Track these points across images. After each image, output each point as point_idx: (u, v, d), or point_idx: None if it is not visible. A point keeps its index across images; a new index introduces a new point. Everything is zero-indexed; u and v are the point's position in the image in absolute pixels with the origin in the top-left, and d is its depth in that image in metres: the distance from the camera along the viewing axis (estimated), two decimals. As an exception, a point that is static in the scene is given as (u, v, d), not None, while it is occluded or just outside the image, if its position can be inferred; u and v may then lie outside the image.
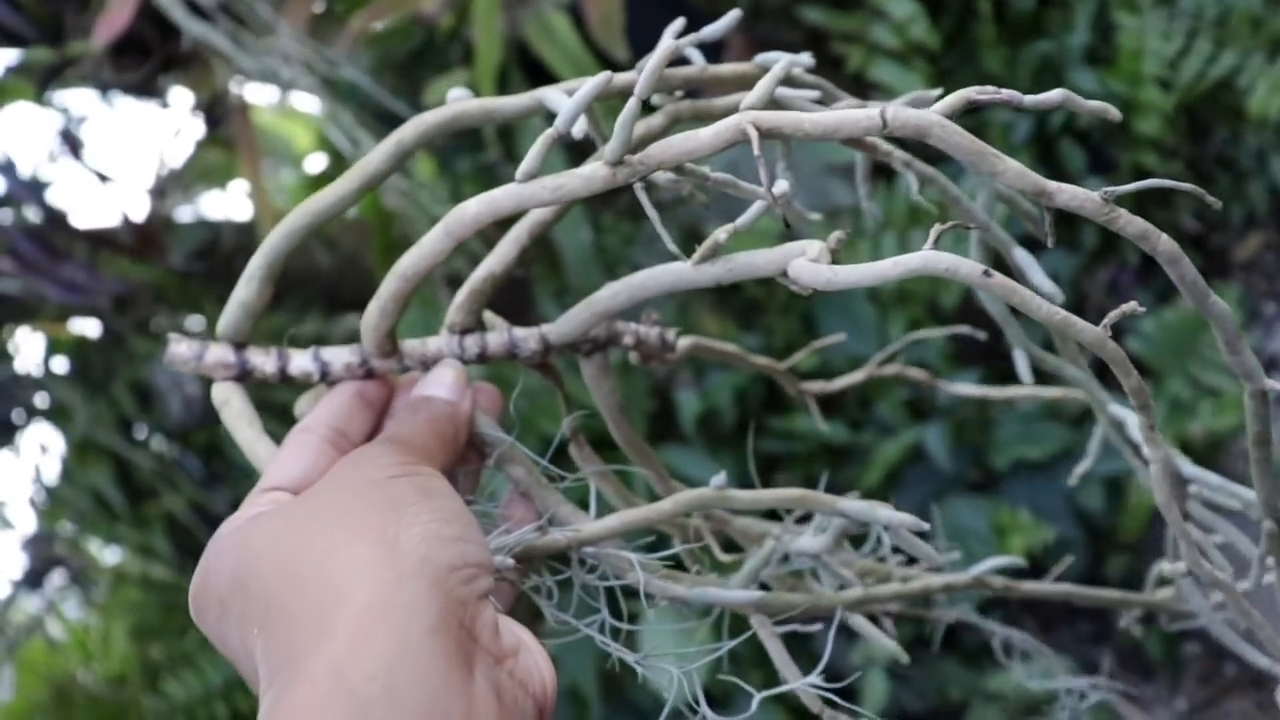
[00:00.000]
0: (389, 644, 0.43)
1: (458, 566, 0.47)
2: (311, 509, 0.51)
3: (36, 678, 2.48)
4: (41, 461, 2.36)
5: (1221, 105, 2.05)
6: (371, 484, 0.51)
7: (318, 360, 0.60)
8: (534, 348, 0.60)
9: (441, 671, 0.44)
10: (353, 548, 0.47)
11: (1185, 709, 2.05)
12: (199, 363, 0.60)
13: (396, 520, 0.48)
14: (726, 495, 0.59)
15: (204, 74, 2.04)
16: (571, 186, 0.52)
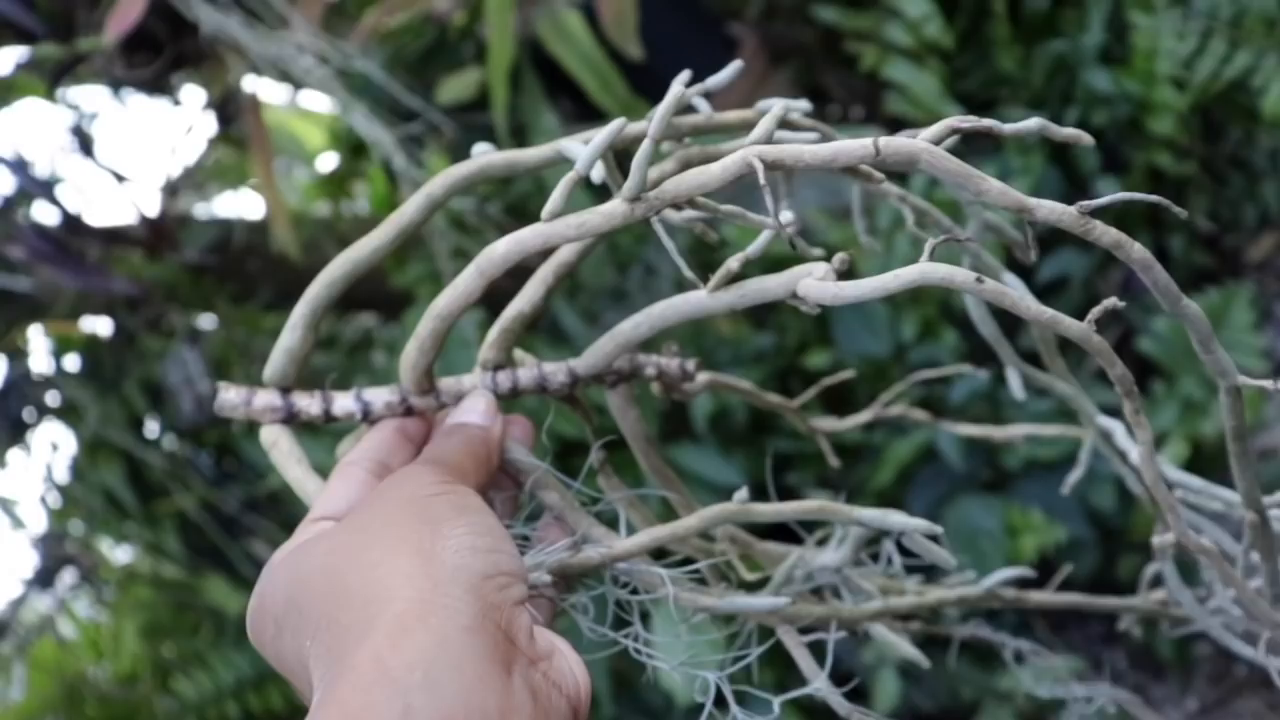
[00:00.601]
0: (428, 639, 0.46)
1: (491, 575, 0.50)
2: (356, 528, 0.54)
3: (48, 676, 2.48)
4: (53, 460, 2.37)
5: (1236, 106, 2.04)
6: (411, 502, 0.54)
7: (360, 400, 0.64)
8: (562, 380, 0.64)
9: (478, 666, 0.46)
10: (395, 560, 0.50)
11: (1196, 709, 2.04)
12: (247, 408, 0.64)
13: (433, 534, 0.51)
14: (748, 509, 0.61)
15: (216, 71, 2.04)
16: (594, 223, 0.56)
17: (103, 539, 2.55)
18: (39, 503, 2.43)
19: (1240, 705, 2.01)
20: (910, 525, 0.60)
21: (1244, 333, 1.95)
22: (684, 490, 0.70)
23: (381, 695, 0.45)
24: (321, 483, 0.62)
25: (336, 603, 0.50)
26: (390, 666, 0.45)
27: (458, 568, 0.50)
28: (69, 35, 1.94)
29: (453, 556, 0.50)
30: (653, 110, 0.57)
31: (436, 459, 0.59)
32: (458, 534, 0.51)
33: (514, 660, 0.49)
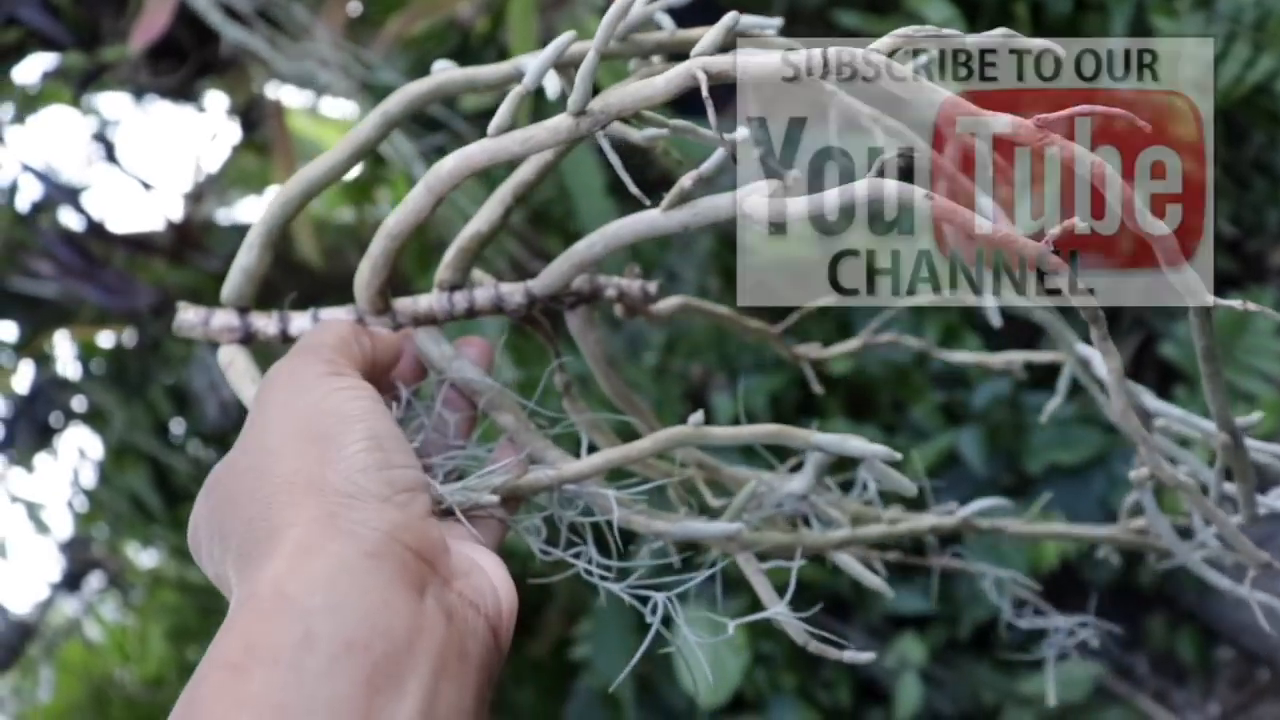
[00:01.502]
0: (328, 564, 0.46)
1: (387, 495, 0.50)
2: (254, 448, 0.53)
3: (75, 679, 2.49)
4: (79, 465, 2.38)
5: (1259, 110, 2.04)
6: (299, 416, 0.53)
7: (316, 320, 0.64)
8: (519, 301, 0.63)
9: (383, 590, 0.46)
10: (290, 484, 0.49)
11: (1218, 714, 2.03)
12: (206, 328, 0.64)
13: (321, 457, 0.50)
14: (704, 432, 0.61)
15: (240, 78, 2.05)
16: (539, 137, 0.55)
17: (129, 543, 2.56)
18: (66, 507, 2.45)
19: (1262, 710, 2.01)
20: (868, 450, 0.60)
21: (1267, 338, 1.94)
22: (648, 415, 0.69)
23: (282, 620, 0.44)
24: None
25: (242, 532, 0.49)
26: (289, 592, 0.45)
27: (351, 494, 0.49)
28: (95, 44, 1.95)
29: (345, 475, 0.50)
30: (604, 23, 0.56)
31: (311, 347, 0.58)
32: (346, 456, 0.50)
33: (427, 580, 0.48)
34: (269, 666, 0.43)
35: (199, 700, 0.44)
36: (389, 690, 0.44)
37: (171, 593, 2.49)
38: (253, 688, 0.43)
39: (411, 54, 2.10)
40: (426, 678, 0.46)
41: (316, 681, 0.43)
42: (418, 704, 0.45)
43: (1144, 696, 2.04)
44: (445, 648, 0.47)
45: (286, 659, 0.43)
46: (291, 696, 0.42)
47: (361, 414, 0.53)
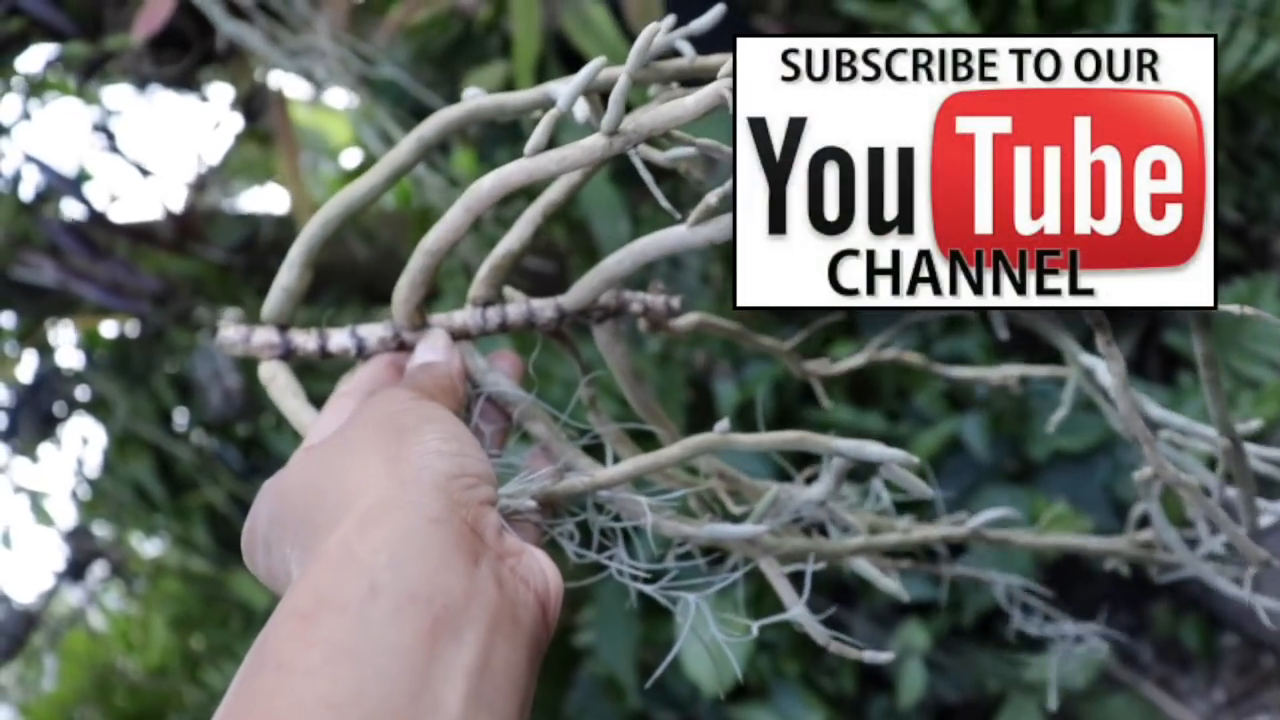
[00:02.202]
0: (394, 528, 0.49)
1: (457, 475, 0.53)
2: (332, 444, 0.56)
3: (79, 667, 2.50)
4: (83, 454, 2.38)
5: (1264, 96, 2.03)
6: (383, 417, 0.56)
7: (354, 337, 0.66)
8: (550, 316, 0.66)
9: (443, 552, 0.49)
10: (364, 466, 0.53)
11: (1223, 700, 2.04)
12: (247, 345, 0.66)
13: (401, 441, 0.54)
14: (729, 439, 0.63)
15: (242, 68, 2.05)
16: (574, 157, 0.58)
17: (132, 532, 2.57)
18: (69, 496, 2.45)
19: (1267, 697, 2.01)
20: (886, 455, 0.62)
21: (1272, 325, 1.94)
22: (671, 425, 0.71)
23: (348, 575, 0.47)
24: (315, 413, 0.64)
25: (311, 508, 0.53)
26: (357, 550, 0.48)
27: (423, 468, 0.52)
28: (97, 33, 1.95)
29: (418, 459, 0.53)
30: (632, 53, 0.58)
31: (408, 384, 0.61)
32: (424, 440, 0.54)
33: (481, 553, 0.51)
34: (337, 614, 0.46)
35: (271, 645, 0.46)
36: (449, 640, 0.47)
37: (174, 582, 2.49)
38: (322, 632, 0.46)
39: (414, 42, 2.10)
40: (483, 633, 0.48)
41: (382, 628, 0.46)
42: (474, 655, 0.47)
43: (1148, 683, 2.04)
44: (499, 610, 0.50)
45: (354, 607, 0.46)
46: (359, 640, 0.45)
47: (443, 418, 0.57)
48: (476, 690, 0.47)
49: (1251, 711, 2.01)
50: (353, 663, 0.45)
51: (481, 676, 0.47)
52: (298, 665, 0.45)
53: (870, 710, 2.00)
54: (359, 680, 0.44)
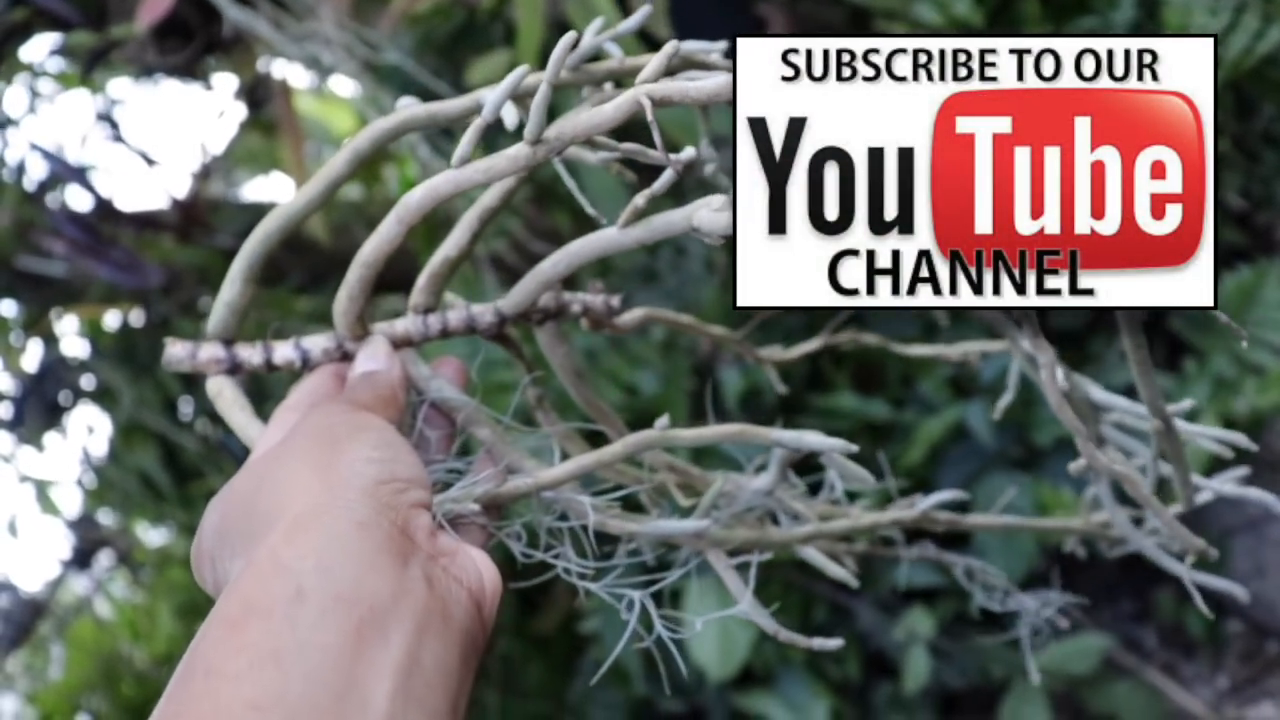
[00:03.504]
0: (320, 534, 0.50)
1: (386, 480, 0.54)
2: (269, 457, 0.57)
3: (86, 656, 2.51)
4: (88, 443, 2.39)
5: (1268, 82, 2.03)
6: (318, 429, 0.57)
7: (299, 349, 0.67)
8: (490, 320, 0.67)
9: (370, 555, 0.50)
10: (296, 476, 0.54)
11: (1227, 687, 2.04)
12: (193, 361, 0.67)
13: (333, 450, 0.55)
14: (670, 434, 0.63)
15: (246, 57, 2.05)
16: (500, 166, 0.59)
17: (138, 521, 2.57)
18: (75, 485, 2.46)
19: (1271, 683, 2.01)
20: (825, 444, 0.62)
21: (1275, 310, 1.94)
22: (618, 423, 0.72)
23: (275, 581, 0.48)
24: (264, 428, 0.65)
25: (248, 519, 0.53)
26: (283, 557, 0.49)
27: (352, 475, 0.53)
28: (101, 22, 1.95)
29: (348, 466, 0.54)
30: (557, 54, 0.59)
31: (346, 397, 0.62)
32: (353, 448, 0.55)
33: (410, 554, 0.52)
34: (264, 619, 0.47)
35: (200, 652, 0.47)
36: (375, 640, 0.48)
37: (180, 570, 2.50)
38: (250, 637, 0.47)
39: (418, 30, 2.10)
40: (410, 633, 0.49)
41: (308, 630, 0.47)
42: (402, 653, 0.48)
43: (1153, 669, 2.04)
44: (428, 609, 0.51)
45: (280, 611, 0.47)
46: (285, 643, 0.46)
47: (376, 426, 0.58)
48: (405, 687, 0.48)
49: (1255, 698, 2.01)
50: (277, 665, 0.46)
51: (410, 674, 0.48)
52: (225, 670, 0.46)
53: (875, 697, 2.00)
54: (284, 682, 0.45)
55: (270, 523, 0.52)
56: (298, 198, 0.65)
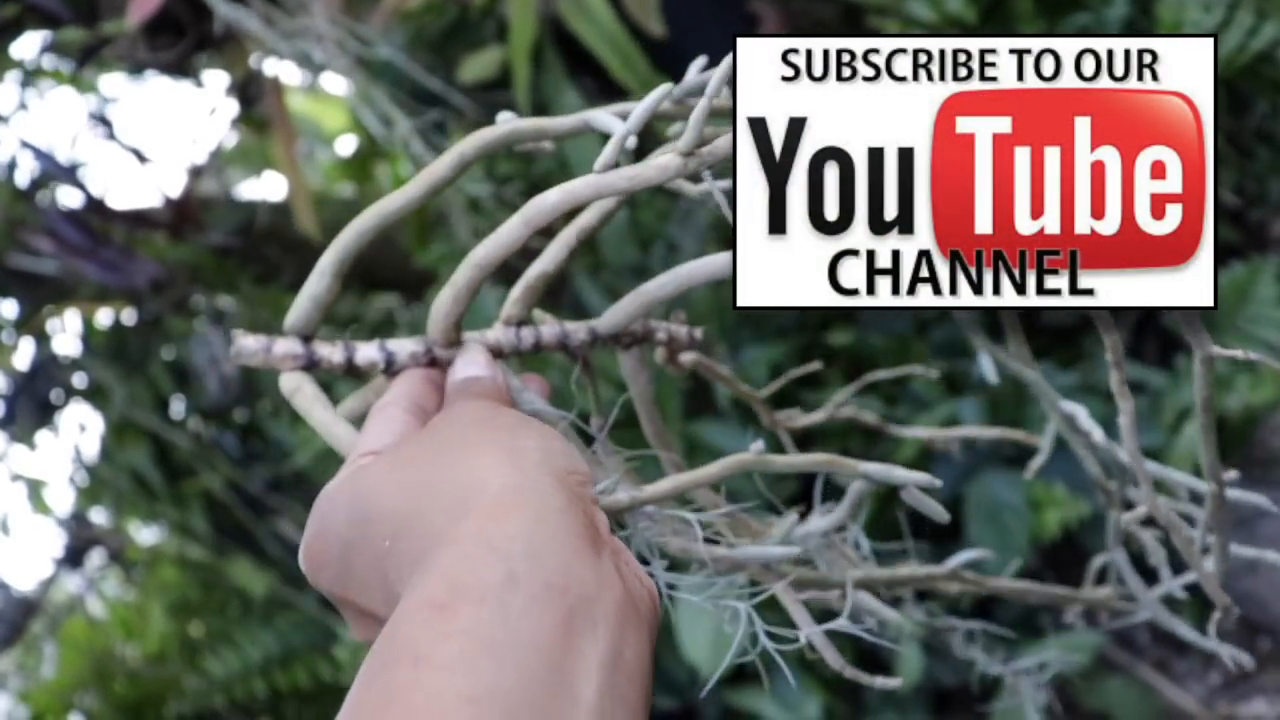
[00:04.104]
0: (526, 516, 0.49)
1: (572, 471, 0.53)
2: (423, 443, 0.56)
3: (78, 654, 2.50)
4: (80, 441, 2.38)
5: (1262, 78, 2.03)
6: (479, 417, 0.57)
7: (384, 350, 0.64)
8: (583, 338, 0.66)
9: (574, 542, 0.49)
10: (480, 458, 0.52)
11: (1219, 683, 2.04)
12: (267, 355, 0.64)
13: (511, 436, 0.54)
14: (765, 459, 0.63)
15: (238, 54, 2.04)
16: (646, 175, 0.58)
17: (130, 519, 2.57)
18: (67, 484, 2.45)
19: (1263, 680, 2.01)
20: (911, 479, 0.62)
21: (1269, 307, 1.94)
22: (676, 455, 0.72)
23: (486, 561, 0.47)
24: (349, 427, 0.63)
25: (420, 499, 0.52)
26: (493, 537, 0.47)
27: (542, 461, 0.52)
28: (92, 19, 1.94)
29: (536, 453, 0.53)
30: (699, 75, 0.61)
31: (474, 396, 0.61)
32: (533, 436, 0.54)
33: (601, 545, 0.51)
34: (475, 604, 0.45)
35: (405, 636, 0.46)
36: (585, 632, 0.47)
37: (173, 569, 2.49)
38: (460, 623, 0.45)
39: (410, 27, 2.10)
40: (614, 625, 0.48)
41: (520, 619, 0.45)
42: (607, 647, 0.47)
43: (1145, 666, 2.04)
44: (625, 601, 0.50)
45: (492, 598, 0.45)
46: (498, 633, 0.45)
47: (534, 420, 0.57)
48: (610, 683, 0.46)
49: (1247, 694, 2.01)
50: (491, 656, 0.44)
51: (614, 669, 0.47)
52: (435, 658, 0.44)
53: (868, 694, 2.01)
54: (498, 673, 0.44)
55: (463, 504, 0.50)
56: (397, 197, 0.64)
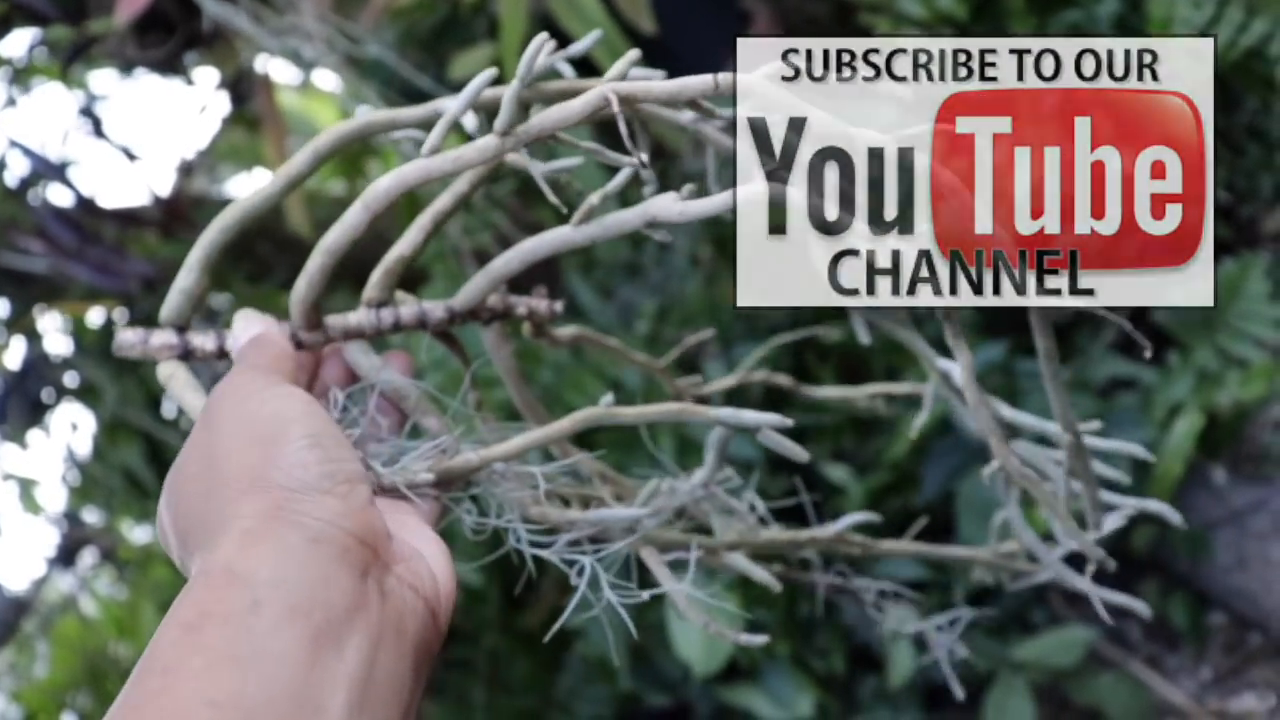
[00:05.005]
0: (273, 548, 0.51)
1: (329, 488, 0.54)
2: (204, 452, 0.57)
3: (71, 654, 2.50)
4: (72, 440, 2.38)
5: (1252, 75, 2.03)
6: (243, 420, 0.57)
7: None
8: (440, 316, 0.69)
9: (324, 568, 0.51)
10: (237, 491, 0.53)
11: (1210, 678, 2.05)
12: (144, 346, 0.68)
13: (265, 458, 0.54)
14: (614, 411, 0.65)
15: (228, 51, 2.04)
16: (469, 156, 0.61)
17: (123, 519, 2.56)
18: (59, 483, 2.45)
19: (1254, 674, 2.02)
20: (761, 420, 0.63)
21: (1259, 303, 1.95)
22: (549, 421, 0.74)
23: (231, 590, 0.49)
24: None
25: (197, 530, 0.54)
26: (238, 570, 0.50)
27: (297, 486, 0.53)
28: (81, 17, 1.94)
29: (289, 477, 0.53)
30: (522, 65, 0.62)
31: (248, 366, 0.62)
32: (291, 450, 0.55)
33: (369, 563, 0.53)
34: (220, 624, 0.48)
35: (157, 652, 0.48)
36: (330, 651, 0.49)
37: (165, 568, 2.49)
38: (206, 639, 0.47)
39: (400, 24, 2.09)
40: (365, 645, 0.50)
41: (264, 637, 0.48)
42: (356, 665, 0.49)
43: (1136, 662, 2.05)
44: (383, 621, 0.52)
45: (236, 619, 0.48)
46: (243, 649, 0.47)
47: (299, 415, 0.57)
48: (359, 699, 0.49)
49: (1238, 689, 2.02)
50: (235, 666, 0.46)
51: (364, 686, 0.49)
52: (182, 669, 0.47)
53: (860, 690, 2.01)
54: (241, 682, 0.46)
55: (219, 530, 0.52)
56: (257, 193, 0.67)
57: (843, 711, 1.99)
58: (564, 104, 0.60)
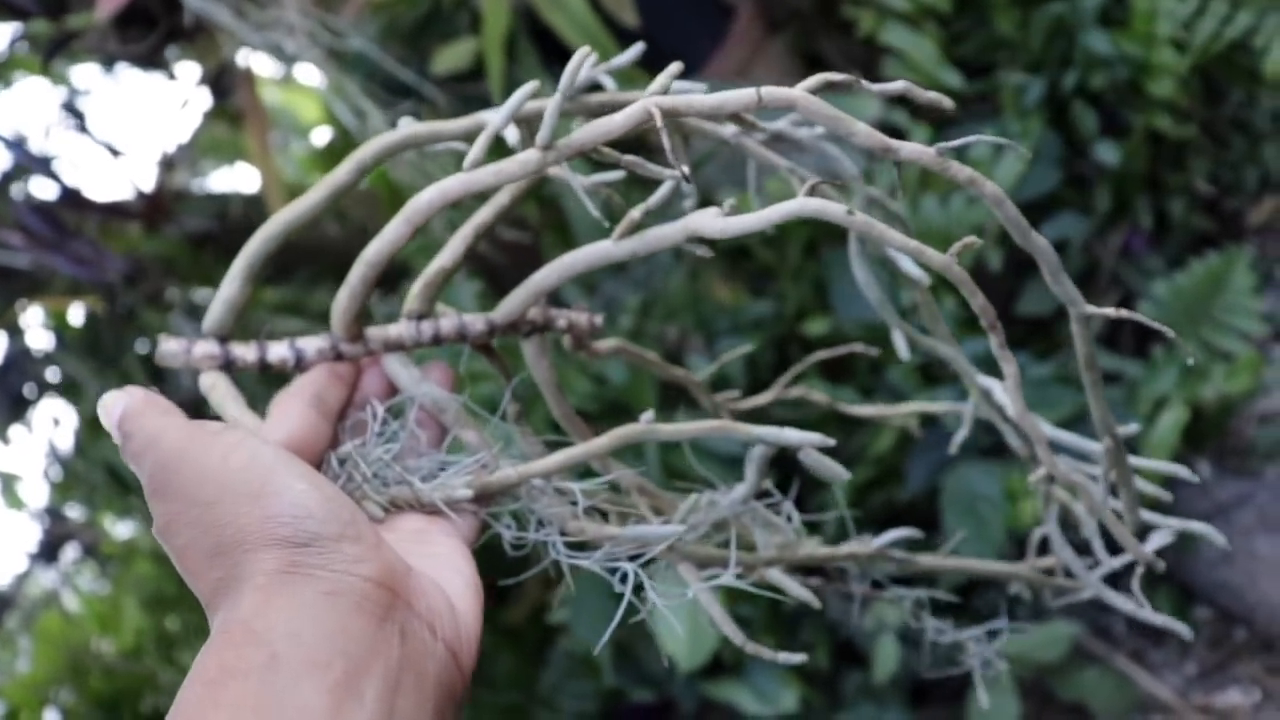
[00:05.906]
0: (288, 603, 0.52)
1: (339, 534, 0.55)
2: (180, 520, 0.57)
3: (53, 649, 2.50)
4: (54, 436, 2.37)
5: (1237, 67, 2.03)
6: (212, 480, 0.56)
7: (293, 348, 0.69)
8: (480, 329, 0.69)
9: (340, 618, 0.52)
10: (246, 552, 0.54)
11: (1195, 673, 2.05)
12: (187, 356, 0.69)
13: (265, 516, 0.54)
14: (653, 429, 0.65)
15: (210, 45, 2.03)
16: (510, 170, 0.61)
17: (105, 514, 2.56)
18: (41, 478, 2.44)
19: (1239, 670, 2.02)
20: (804, 439, 0.63)
21: (1244, 296, 1.95)
22: (591, 437, 0.73)
23: (250, 647, 0.50)
24: (257, 419, 0.66)
25: (210, 591, 0.55)
26: (255, 627, 0.51)
27: (307, 540, 0.54)
28: (61, 11, 1.93)
29: (296, 532, 0.54)
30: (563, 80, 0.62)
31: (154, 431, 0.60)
32: (288, 503, 0.55)
33: (389, 605, 0.54)
34: (241, 680, 0.49)
35: (182, 708, 0.49)
36: (350, 699, 0.50)
37: (147, 563, 2.49)
38: (229, 695, 0.49)
39: (383, 18, 2.09)
40: (383, 691, 0.51)
41: (284, 692, 0.49)
42: (377, 711, 0.50)
43: (1121, 656, 2.05)
44: (401, 667, 0.53)
45: (256, 675, 0.49)
46: (264, 699, 0.48)
47: (272, 460, 0.57)
48: None
49: (1223, 684, 2.02)
50: (258, 717, 0.48)
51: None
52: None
53: (845, 686, 2.00)
54: None
55: (234, 589, 0.53)
56: (300, 203, 0.67)
57: (827, 706, 1.99)
58: (606, 118, 0.60)
